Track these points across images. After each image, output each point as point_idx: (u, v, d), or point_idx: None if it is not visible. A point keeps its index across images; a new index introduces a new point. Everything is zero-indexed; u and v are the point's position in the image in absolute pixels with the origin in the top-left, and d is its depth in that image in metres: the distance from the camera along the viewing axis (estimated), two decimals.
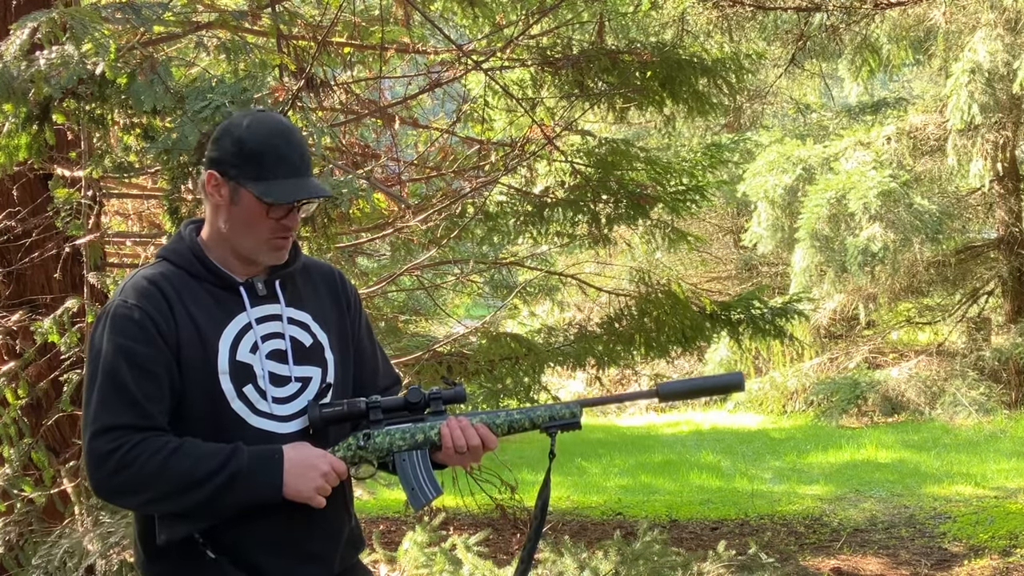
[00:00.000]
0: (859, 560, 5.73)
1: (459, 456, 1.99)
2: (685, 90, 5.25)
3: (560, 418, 2.04)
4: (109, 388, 1.85)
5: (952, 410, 10.22)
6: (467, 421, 1.99)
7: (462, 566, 4.69)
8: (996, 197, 11.04)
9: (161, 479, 1.82)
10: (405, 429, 1.99)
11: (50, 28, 3.24)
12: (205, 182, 1.97)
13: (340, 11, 4.95)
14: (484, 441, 1.98)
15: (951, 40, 9.76)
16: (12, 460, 3.85)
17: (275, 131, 1.96)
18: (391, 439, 1.98)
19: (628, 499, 7.72)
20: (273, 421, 1.94)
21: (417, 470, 1.99)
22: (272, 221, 1.95)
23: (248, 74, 3.55)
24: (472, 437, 1.98)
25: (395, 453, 1.99)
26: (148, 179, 5.07)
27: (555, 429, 2.05)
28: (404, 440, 1.99)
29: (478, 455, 2.00)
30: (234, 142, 1.94)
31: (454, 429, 1.97)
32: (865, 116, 11.85)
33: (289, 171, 1.95)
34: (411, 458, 1.99)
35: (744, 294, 5.90)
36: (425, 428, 1.99)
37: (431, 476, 1.99)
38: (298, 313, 2.02)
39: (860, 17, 7.30)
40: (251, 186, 1.92)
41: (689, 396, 2.19)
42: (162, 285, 1.93)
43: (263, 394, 1.94)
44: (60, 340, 3.80)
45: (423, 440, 1.99)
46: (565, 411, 2.04)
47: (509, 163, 5.34)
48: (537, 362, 5.30)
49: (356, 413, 1.98)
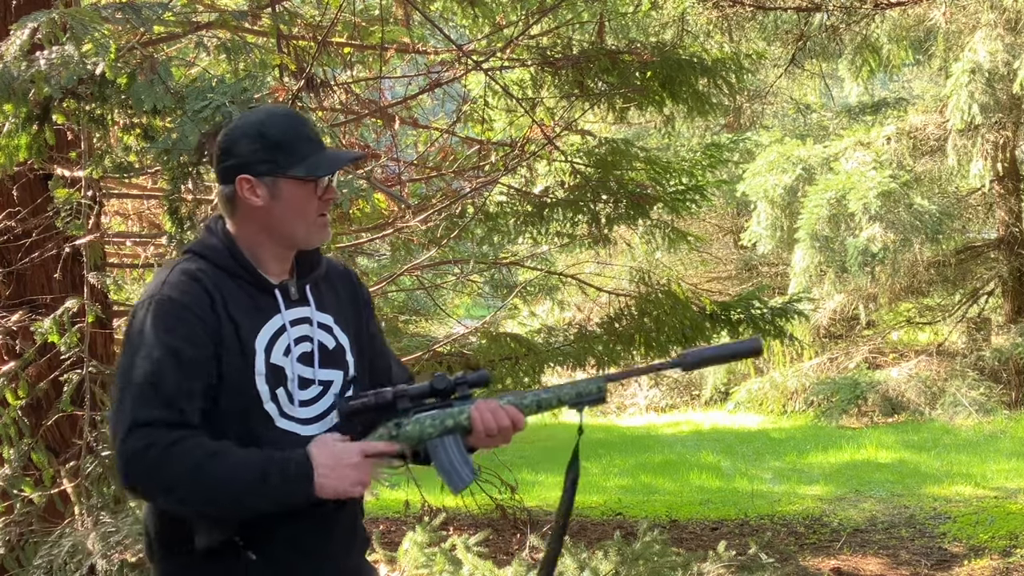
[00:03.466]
0: (859, 560, 5.73)
1: (490, 439, 1.99)
2: (685, 90, 5.25)
3: (587, 394, 2.04)
4: (147, 383, 1.83)
5: (952, 410, 10.22)
6: (496, 403, 1.99)
7: (462, 566, 4.69)
8: (996, 197, 11.04)
9: (195, 481, 1.81)
10: (435, 415, 1.99)
11: (50, 28, 3.24)
12: (234, 192, 1.95)
13: (340, 11, 4.95)
14: (514, 422, 1.99)
15: (951, 40, 9.76)
16: (12, 460, 3.84)
17: (287, 116, 2.00)
18: (421, 427, 1.98)
19: (628, 499, 7.72)
20: (296, 423, 1.95)
21: (451, 455, 1.99)
22: (317, 199, 1.97)
23: (248, 74, 3.55)
24: (502, 419, 1.98)
25: (427, 440, 1.99)
26: (148, 179, 5.07)
27: (582, 405, 2.05)
28: (434, 427, 1.99)
29: (508, 436, 2.00)
30: (254, 140, 1.94)
31: (484, 412, 1.97)
32: (865, 116, 11.84)
33: (317, 146, 1.98)
34: (443, 443, 1.99)
35: (744, 294, 5.90)
36: (454, 413, 1.98)
37: (466, 459, 2.00)
38: (324, 316, 2.03)
39: (860, 17, 7.31)
40: (293, 171, 1.94)
41: (712, 363, 2.20)
42: (204, 282, 1.92)
43: (291, 397, 1.95)
44: (60, 340, 3.80)
45: (453, 425, 1.99)
46: (592, 387, 2.04)
47: (509, 163, 5.35)
48: (537, 362, 5.30)
49: (383, 403, 1.98)
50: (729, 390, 12.56)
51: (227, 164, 1.96)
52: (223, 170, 1.97)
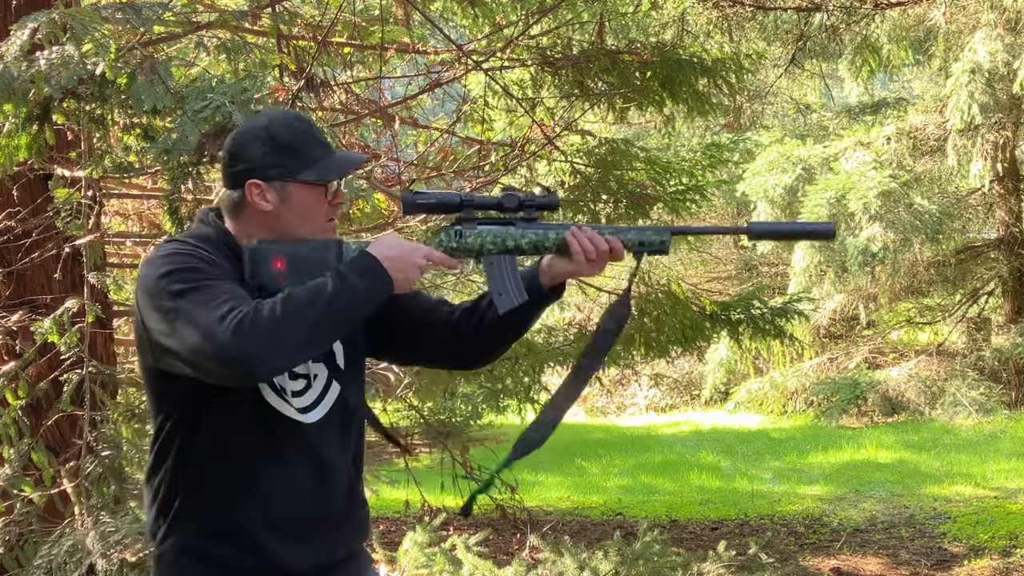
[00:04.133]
0: (859, 560, 5.73)
1: (590, 263, 1.98)
2: (685, 90, 5.25)
3: (650, 244, 2.04)
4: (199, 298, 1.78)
5: (952, 410, 10.22)
6: (591, 231, 1.99)
7: (462, 566, 4.69)
8: (996, 197, 11.04)
9: (292, 318, 1.77)
10: (497, 232, 2.00)
11: (50, 28, 3.24)
12: (242, 196, 1.94)
13: (340, 11, 4.95)
14: (613, 248, 1.99)
15: (951, 40, 9.76)
16: (12, 460, 3.84)
17: (293, 119, 1.99)
18: (482, 240, 2.00)
19: (628, 499, 7.72)
20: (294, 411, 1.94)
21: (505, 274, 1.99)
22: (326, 203, 1.97)
23: (248, 74, 3.55)
24: (601, 243, 1.99)
25: (484, 255, 1.99)
26: (148, 179, 5.07)
27: (643, 252, 2.05)
28: (495, 244, 2.00)
29: (605, 262, 2.00)
30: (264, 144, 1.93)
31: (581, 237, 1.98)
32: (865, 116, 11.84)
33: (326, 148, 1.98)
34: (500, 261, 1.99)
35: (744, 294, 5.90)
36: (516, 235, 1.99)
37: (519, 282, 2.00)
38: None
39: (860, 17, 7.31)
40: (304, 175, 1.93)
41: (780, 238, 2.23)
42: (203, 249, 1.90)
43: (285, 389, 1.94)
44: (60, 340, 3.80)
45: (513, 247, 1.99)
46: (655, 237, 2.04)
47: (509, 163, 5.35)
48: (537, 362, 5.31)
49: (449, 204, 2.00)
50: (729, 390, 12.57)
51: (236, 169, 1.95)
52: (232, 174, 1.95)
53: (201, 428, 1.91)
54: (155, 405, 1.98)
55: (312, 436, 1.96)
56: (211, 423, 1.91)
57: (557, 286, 2.05)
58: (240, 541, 1.92)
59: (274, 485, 1.93)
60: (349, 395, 2.03)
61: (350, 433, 2.05)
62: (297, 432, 1.94)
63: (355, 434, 2.08)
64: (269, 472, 1.92)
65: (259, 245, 1.92)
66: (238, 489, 1.92)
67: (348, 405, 2.03)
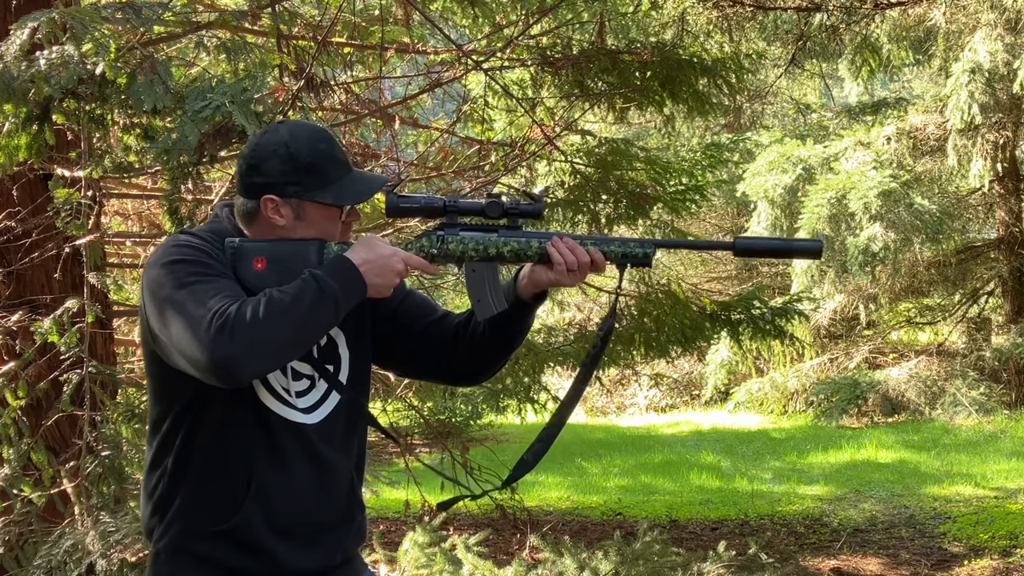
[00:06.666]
0: (859, 560, 5.73)
1: (570, 274, 1.98)
2: (685, 90, 5.25)
3: (633, 256, 2.03)
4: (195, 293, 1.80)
5: (952, 410, 10.23)
6: (573, 241, 1.98)
7: (462, 566, 4.69)
8: (996, 197, 11.04)
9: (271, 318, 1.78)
10: (479, 239, 1.99)
11: (50, 28, 3.24)
12: (257, 208, 1.94)
13: (340, 11, 4.95)
14: (594, 260, 1.99)
15: (951, 40, 9.76)
16: (12, 460, 3.84)
17: (315, 137, 1.96)
18: (464, 246, 1.99)
19: (628, 499, 7.72)
20: (296, 412, 1.95)
21: (485, 282, 1.99)
22: (340, 222, 1.97)
23: (248, 74, 3.55)
24: (582, 255, 1.98)
25: (465, 262, 1.99)
26: (148, 179, 5.07)
27: (626, 264, 2.04)
28: (477, 250, 1.99)
29: (586, 273, 1.99)
30: (283, 160, 1.92)
31: (561, 247, 1.97)
32: (865, 116, 11.84)
33: (345, 169, 1.97)
34: (481, 269, 1.99)
35: (744, 294, 5.90)
36: (499, 242, 1.98)
37: (499, 290, 2.00)
38: None
39: (860, 17, 7.30)
40: (320, 195, 1.93)
41: (765, 255, 2.18)
42: (212, 245, 1.91)
43: (287, 390, 1.94)
44: (60, 340, 3.80)
45: (495, 254, 1.99)
46: (639, 250, 2.03)
47: (509, 163, 5.34)
48: (537, 362, 5.30)
49: (433, 208, 2.00)
50: (729, 390, 12.57)
51: (253, 181, 1.94)
52: (248, 185, 1.95)
53: (201, 424, 1.92)
54: (155, 393, 1.98)
55: (314, 436, 1.96)
56: (211, 420, 1.91)
57: (539, 294, 2.05)
58: (239, 541, 1.91)
59: (274, 485, 1.92)
60: (353, 397, 2.03)
61: (353, 435, 2.05)
62: (298, 432, 1.94)
63: (358, 436, 2.07)
64: (269, 472, 1.92)
65: (241, 244, 1.93)
66: (238, 488, 1.91)
67: (352, 407, 2.03)
